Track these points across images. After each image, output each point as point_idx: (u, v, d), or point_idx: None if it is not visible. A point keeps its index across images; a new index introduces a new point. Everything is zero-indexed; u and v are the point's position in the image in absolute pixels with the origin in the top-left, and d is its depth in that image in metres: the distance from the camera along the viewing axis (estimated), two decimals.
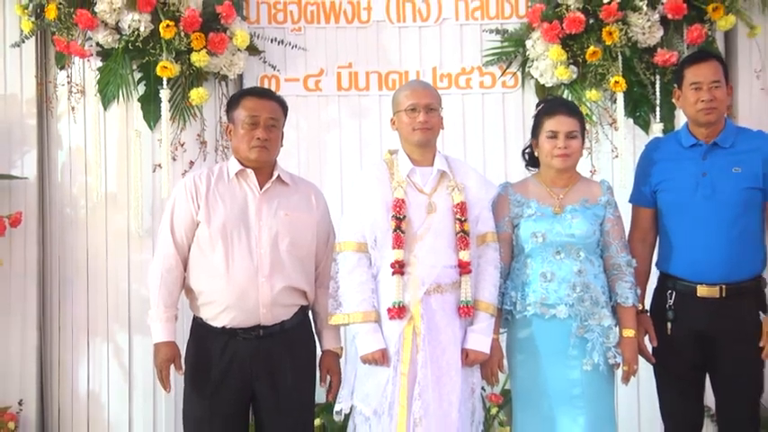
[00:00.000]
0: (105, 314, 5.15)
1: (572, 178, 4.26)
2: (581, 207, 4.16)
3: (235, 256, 3.97)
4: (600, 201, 4.19)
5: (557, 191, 4.22)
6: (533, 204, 4.20)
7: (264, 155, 4.02)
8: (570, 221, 4.13)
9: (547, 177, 4.26)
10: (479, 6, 5.53)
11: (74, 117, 5.24)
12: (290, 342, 4.04)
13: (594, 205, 4.18)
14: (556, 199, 4.20)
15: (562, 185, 4.22)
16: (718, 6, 5.15)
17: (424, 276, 3.97)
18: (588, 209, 4.16)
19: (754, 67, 5.49)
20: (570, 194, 4.22)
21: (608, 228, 4.18)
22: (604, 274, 4.20)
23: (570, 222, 4.13)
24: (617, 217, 4.20)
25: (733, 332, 4.01)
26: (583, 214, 4.16)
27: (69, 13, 4.96)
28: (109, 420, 5.17)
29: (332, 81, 5.50)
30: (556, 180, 4.23)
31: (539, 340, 4.15)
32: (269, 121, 4.03)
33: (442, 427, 3.97)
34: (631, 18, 5.14)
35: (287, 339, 4.02)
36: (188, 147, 5.20)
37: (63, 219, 5.28)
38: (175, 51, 5.01)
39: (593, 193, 4.23)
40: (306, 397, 4.14)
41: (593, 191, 4.24)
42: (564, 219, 4.15)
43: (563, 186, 4.22)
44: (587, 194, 4.21)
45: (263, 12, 5.51)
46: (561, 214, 4.16)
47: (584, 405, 4.08)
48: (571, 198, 4.21)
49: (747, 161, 4.04)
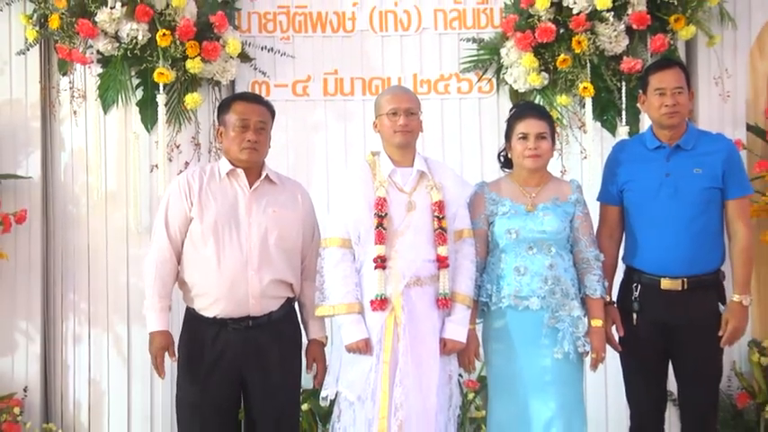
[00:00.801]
0: (105, 306, 5.15)
1: (543, 178, 4.26)
2: (552, 205, 4.17)
3: (226, 250, 3.98)
4: (570, 199, 4.20)
5: (529, 190, 4.23)
6: (507, 203, 4.21)
7: (254, 155, 4.03)
8: (542, 219, 4.14)
9: (520, 177, 4.27)
10: (457, 17, 5.50)
11: (75, 120, 5.23)
12: (278, 332, 4.04)
13: (565, 203, 4.19)
14: (528, 197, 4.20)
15: (534, 185, 4.23)
16: (679, 18, 5.16)
17: (404, 270, 3.98)
18: (559, 206, 4.18)
19: (713, 74, 5.50)
20: (542, 193, 4.22)
21: (577, 224, 4.19)
22: (574, 268, 4.21)
23: (542, 220, 4.14)
24: (585, 214, 4.22)
25: (694, 322, 4.03)
26: (554, 212, 4.17)
27: (71, 22, 4.95)
28: (109, 405, 5.17)
29: (318, 87, 5.47)
30: (528, 180, 4.24)
31: (513, 330, 4.16)
32: (258, 124, 4.04)
33: (421, 412, 3.98)
34: (599, 28, 5.13)
35: (275, 329, 4.03)
36: (183, 148, 5.19)
37: (65, 216, 5.27)
38: (171, 58, 5.01)
39: (564, 191, 4.24)
40: (293, 383, 4.15)
41: (563, 190, 4.25)
42: (536, 216, 4.15)
43: (535, 186, 4.23)
44: (558, 193, 4.23)
45: (253, 21, 5.47)
46: (533, 212, 4.17)
47: (554, 391, 4.10)
48: (543, 197, 4.21)
49: (708, 162, 4.06)
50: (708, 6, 5.31)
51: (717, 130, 5.33)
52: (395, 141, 4.06)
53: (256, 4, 5.46)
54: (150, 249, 4.13)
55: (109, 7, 4.89)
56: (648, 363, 4.19)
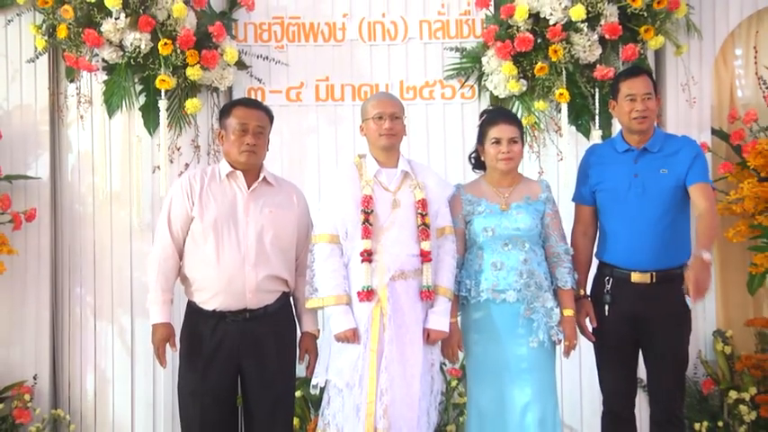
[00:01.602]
0: (110, 299, 5.15)
1: (515, 179, 4.29)
2: (524, 204, 4.20)
3: (224, 247, 3.98)
4: (540, 197, 4.23)
5: (502, 190, 4.25)
6: (483, 203, 4.22)
7: (253, 158, 4.04)
8: (516, 217, 4.17)
9: (493, 179, 4.29)
10: (441, 27, 5.50)
11: (82, 124, 5.21)
12: (274, 324, 4.06)
13: (536, 201, 4.21)
14: (502, 197, 4.23)
15: (507, 185, 4.26)
16: (649, 28, 5.18)
17: (389, 264, 3.99)
18: (531, 205, 4.20)
19: (680, 81, 5.53)
20: (514, 193, 4.25)
21: (547, 221, 4.22)
22: (545, 262, 4.24)
23: (516, 218, 4.16)
24: (555, 211, 4.24)
25: (661, 314, 4.05)
26: (526, 210, 4.19)
27: (78, 32, 4.93)
28: (113, 393, 5.16)
29: (311, 93, 5.46)
30: (501, 181, 4.26)
31: (491, 321, 4.18)
32: (257, 129, 4.04)
33: (405, 397, 3.99)
34: (574, 38, 5.14)
35: (270, 321, 4.04)
36: (183, 150, 5.19)
37: (72, 214, 5.26)
38: (172, 66, 5.00)
39: (534, 191, 4.26)
40: (287, 372, 4.15)
41: (533, 189, 4.27)
42: (510, 215, 4.18)
43: (507, 186, 4.25)
44: (529, 192, 4.24)
45: (250, 31, 5.46)
46: (507, 211, 4.19)
47: (530, 377, 4.13)
48: (515, 196, 4.24)
49: (673, 163, 4.08)
50: (675, 18, 5.33)
51: (683, 133, 5.25)
52: (380, 144, 4.07)
53: (252, 15, 5.42)
54: (154, 246, 4.14)
55: (114, 18, 4.87)
56: (619, 351, 4.20)
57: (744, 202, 5.14)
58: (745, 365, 5.38)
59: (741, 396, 5.25)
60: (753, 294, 5.38)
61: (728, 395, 5.29)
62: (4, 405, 5.02)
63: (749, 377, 5.33)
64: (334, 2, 5.51)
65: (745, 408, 5.22)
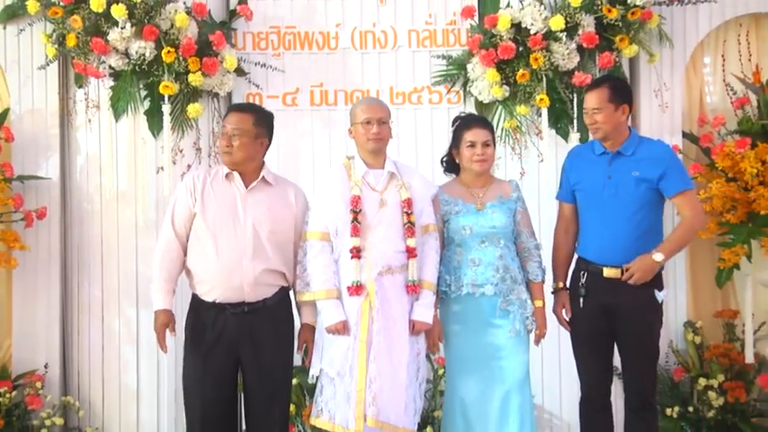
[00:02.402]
0: (117, 292, 5.16)
1: (488, 180, 4.32)
2: (498, 203, 4.23)
3: (223, 242, 3.99)
4: (512, 197, 4.27)
5: (476, 191, 4.27)
6: (459, 203, 4.24)
7: (227, 158, 4.05)
8: (491, 216, 4.20)
9: (467, 180, 4.31)
10: (428, 36, 5.50)
11: (90, 127, 5.21)
12: (272, 317, 4.06)
13: (508, 201, 4.25)
14: (476, 198, 4.25)
15: (480, 186, 4.28)
16: (623, 38, 5.18)
17: (377, 260, 4.00)
18: (504, 204, 4.23)
19: (653, 87, 5.54)
20: (488, 193, 4.27)
21: (518, 219, 4.25)
22: (518, 257, 4.28)
23: (491, 216, 4.20)
24: (525, 209, 4.29)
25: (631, 306, 4.08)
26: (500, 209, 4.22)
27: (86, 41, 4.94)
28: (120, 380, 5.18)
29: (306, 98, 5.46)
30: (475, 182, 4.29)
31: (471, 314, 4.22)
32: (232, 131, 4.02)
33: (393, 385, 4.02)
34: (553, 47, 5.13)
35: (269, 314, 4.05)
36: (186, 152, 5.20)
37: (81, 212, 5.27)
38: (175, 73, 4.99)
39: (506, 190, 4.30)
40: (283, 362, 4.15)
41: (505, 189, 4.31)
42: (486, 214, 4.21)
43: (481, 187, 4.28)
44: (501, 192, 4.28)
45: (248, 40, 5.46)
46: (483, 210, 4.22)
47: (509, 365, 4.18)
48: (489, 196, 4.26)
49: (645, 166, 4.09)
50: (648, 28, 5.33)
51: (656, 136, 5.34)
52: (368, 147, 4.08)
53: (251, 24, 5.42)
54: (158, 240, 4.16)
55: (120, 27, 4.87)
56: (594, 341, 4.23)
57: (712, 201, 5.13)
58: (714, 354, 5.39)
59: (710, 383, 5.26)
60: (721, 287, 5.37)
61: (698, 382, 5.29)
62: (17, 392, 5.03)
63: (717, 365, 5.34)
64: (327, 12, 5.50)
65: (713, 394, 5.23)
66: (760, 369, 5.39)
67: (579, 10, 5.15)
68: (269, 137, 4.18)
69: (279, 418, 4.15)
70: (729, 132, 5.38)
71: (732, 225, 5.15)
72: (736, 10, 5.62)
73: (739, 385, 5.28)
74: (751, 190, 5.07)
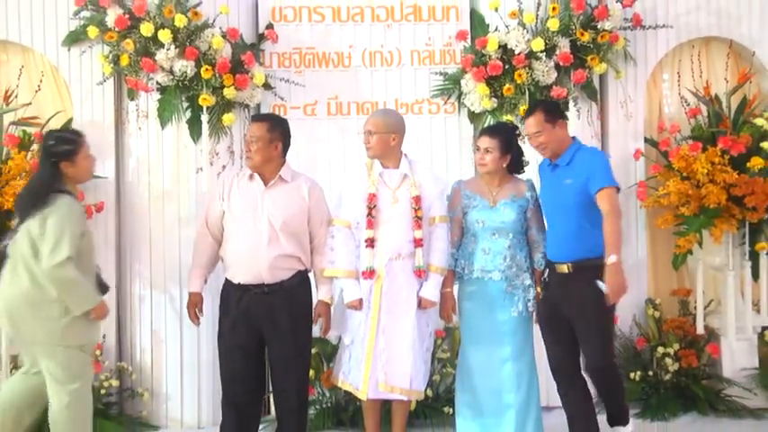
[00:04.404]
0: (162, 273, 5.16)
1: (503, 179, 4.31)
2: (510, 201, 4.25)
3: (245, 233, 4.09)
4: (525, 195, 4.29)
5: (492, 189, 4.29)
6: (477, 198, 4.28)
7: (249, 162, 4.15)
8: (502, 212, 4.23)
9: (485, 178, 4.34)
10: (428, 56, 5.49)
11: (140, 134, 5.22)
12: (289, 296, 4.11)
13: (521, 198, 4.27)
14: (491, 195, 4.28)
15: (496, 185, 4.30)
16: (594, 57, 5.21)
17: (388, 249, 4.11)
18: (515, 202, 4.25)
19: (620, 99, 5.57)
20: (502, 191, 4.29)
21: (529, 215, 4.28)
22: (527, 247, 4.30)
23: (502, 212, 4.23)
24: (536, 206, 4.29)
25: (578, 295, 4.05)
26: (511, 206, 4.24)
27: (137, 60, 4.97)
28: (166, 349, 5.19)
29: (323, 108, 5.43)
30: (491, 181, 4.31)
31: (481, 294, 4.28)
32: (250, 138, 4.11)
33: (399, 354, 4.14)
34: (534, 65, 5.17)
35: (285, 294, 4.10)
36: (221, 155, 5.19)
37: (132, 206, 5.25)
38: (212, 87, 5.00)
39: (520, 189, 4.31)
40: (300, 335, 4.20)
41: (519, 188, 4.32)
42: (498, 210, 4.24)
43: (497, 185, 4.30)
44: (516, 191, 4.29)
45: (274, 59, 5.42)
46: (495, 206, 4.25)
47: (510, 339, 4.26)
48: (503, 194, 4.28)
49: (576, 174, 4.04)
50: (615, 49, 5.36)
51: (622, 142, 5.49)
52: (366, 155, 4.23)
53: (276, 46, 5.39)
54: (196, 233, 4.33)
55: (165, 49, 4.89)
56: (554, 327, 4.19)
57: (670, 197, 5.18)
58: (670, 327, 5.44)
59: (667, 351, 5.32)
60: (677, 270, 5.45)
61: (657, 350, 5.35)
62: None
63: (673, 336, 5.40)
64: (341, 35, 5.48)
65: (669, 360, 5.29)
66: (709, 339, 5.43)
67: (557, 33, 5.18)
68: (283, 140, 4.19)
69: (294, 385, 4.19)
70: (684, 138, 5.40)
71: (686, 217, 5.17)
72: (689, 34, 5.66)
73: (691, 353, 5.32)
74: (702, 187, 5.09)
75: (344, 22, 5.51)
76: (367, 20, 5.52)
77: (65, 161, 3.94)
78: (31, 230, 3.80)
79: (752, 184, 5.03)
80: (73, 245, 3.76)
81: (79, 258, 3.83)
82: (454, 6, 5.52)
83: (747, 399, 5.28)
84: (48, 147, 3.96)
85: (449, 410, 4.93)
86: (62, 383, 3.90)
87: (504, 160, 4.28)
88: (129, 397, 5.25)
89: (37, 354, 3.94)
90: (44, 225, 3.76)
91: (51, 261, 3.72)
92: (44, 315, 3.83)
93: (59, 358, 3.88)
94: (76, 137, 4.06)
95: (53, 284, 3.77)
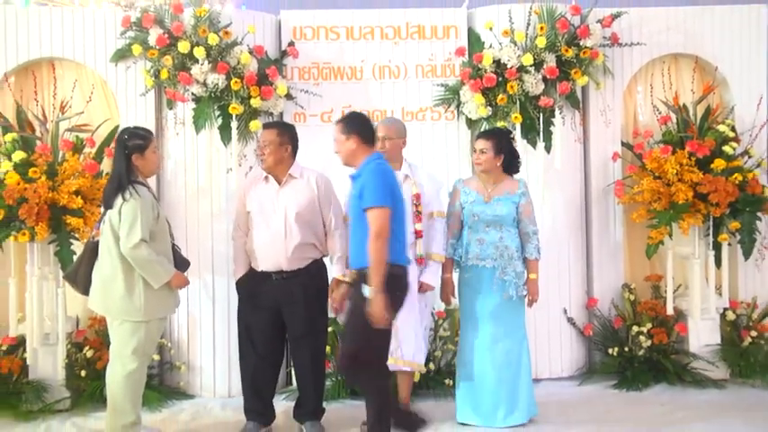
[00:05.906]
0: (197, 261, 5.12)
1: (498, 177, 4.36)
2: (504, 198, 4.32)
3: (265, 228, 4.21)
4: (517, 192, 4.34)
5: (488, 186, 4.37)
6: (474, 194, 4.37)
7: (263, 165, 4.24)
8: (495, 207, 4.32)
9: (482, 176, 4.42)
10: (430, 69, 5.51)
11: (177, 139, 5.28)
12: (305, 281, 4.20)
13: (513, 195, 4.33)
14: (487, 192, 4.36)
15: (492, 182, 4.37)
16: (577, 71, 5.27)
17: None
18: (508, 198, 4.31)
19: (600, 108, 5.61)
20: (497, 189, 4.36)
21: (521, 210, 4.33)
22: (519, 239, 4.36)
23: (495, 207, 4.32)
24: (528, 202, 4.35)
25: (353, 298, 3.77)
26: (504, 202, 4.31)
27: (175, 74, 5.04)
28: (201, 329, 5.26)
29: (338, 116, 4.88)
30: (487, 179, 4.38)
31: (476, 280, 4.36)
32: (263, 143, 4.21)
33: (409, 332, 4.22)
34: (525, 77, 5.21)
35: (302, 280, 4.20)
36: (248, 157, 5.22)
37: (171, 202, 5.29)
38: (240, 98, 5.05)
39: (513, 187, 4.37)
40: (315, 315, 4.26)
41: (513, 186, 4.37)
42: (491, 205, 4.33)
43: (492, 183, 4.37)
44: (509, 189, 4.35)
45: (295, 73, 5.45)
46: (489, 202, 4.33)
47: (502, 320, 4.33)
48: (497, 191, 4.35)
49: (357, 186, 3.74)
50: (596, 64, 5.41)
51: (602, 146, 5.58)
52: None
53: (297, 61, 5.42)
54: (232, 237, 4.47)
55: (200, 64, 4.97)
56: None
57: (643, 194, 5.22)
58: (644, 308, 5.50)
59: (641, 329, 5.37)
60: (649, 258, 5.47)
61: (632, 329, 5.41)
62: None
63: (646, 316, 5.46)
64: (354, 51, 5.52)
65: (643, 337, 5.34)
66: (677, 319, 5.48)
67: (544, 50, 5.24)
68: (291, 143, 4.26)
69: (309, 360, 4.27)
70: (656, 142, 5.47)
71: (658, 212, 5.22)
72: (660, 50, 5.69)
73: (662, 331, 5.37)
74: (672, 185, 5.14)
75: (357, 39, 5.56)
76: (377, 38, 5.57)
77: (136, 153, 4.09)
78: (111, 218, 4.00)
79: (715, 182, 5.08)
80: (145, 229, 3.96)
81: (154, 240, 4.03)
82: (454, 26, 5.57)
83: (710, 371, 5.35)
84: (122, 140, 4.11)
85: (449, 382, 4.99)
86: (128, 355, 4.03)
87: (498, 160, 4.34)
88: (168, 370, 5.32)
89: (115, 326, 4.08)
90: (120, 213, 3.95)
91: (128, 243, 3.92)
92: (124, 292, 3.98)
93: (140, 331, 4.02)
94: (146, 133, 4.23)
95: (133, 263, 3.95)
